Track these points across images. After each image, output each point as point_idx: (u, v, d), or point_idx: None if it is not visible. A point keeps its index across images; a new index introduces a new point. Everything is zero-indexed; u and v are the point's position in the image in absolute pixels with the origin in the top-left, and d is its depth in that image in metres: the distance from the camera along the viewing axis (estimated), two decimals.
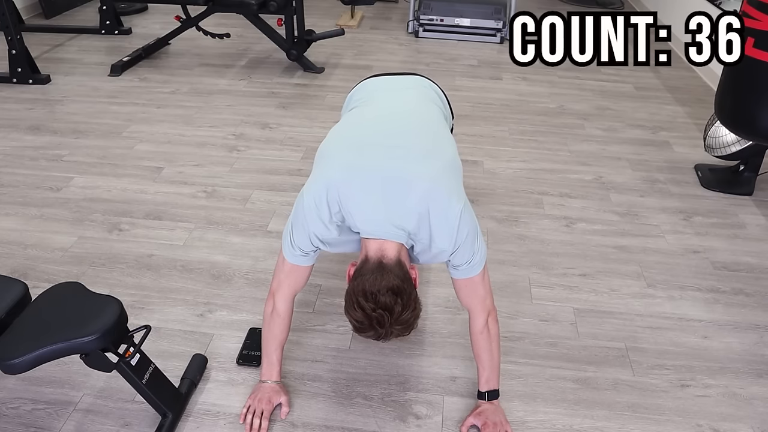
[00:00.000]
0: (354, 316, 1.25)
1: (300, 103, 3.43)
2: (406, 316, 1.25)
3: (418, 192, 1.31)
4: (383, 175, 1.32)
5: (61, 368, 1.70)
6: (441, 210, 1.32)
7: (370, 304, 1.22)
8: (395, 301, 1.22)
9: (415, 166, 1.34)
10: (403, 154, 1.36)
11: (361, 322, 1.24)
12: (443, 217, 1.32)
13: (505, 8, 4.63)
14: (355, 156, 1.36)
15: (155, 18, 4.91)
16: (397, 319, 1.23)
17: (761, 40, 2.03)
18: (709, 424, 1.60)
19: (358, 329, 1.27)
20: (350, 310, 1.26)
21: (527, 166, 2.84)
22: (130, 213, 2.40)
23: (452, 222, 1.33)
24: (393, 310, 1.22)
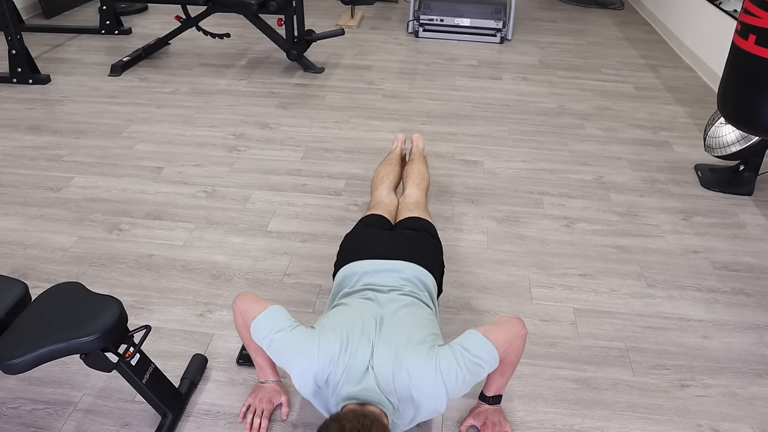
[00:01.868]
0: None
1: (300, 103, 3.43)
2: None
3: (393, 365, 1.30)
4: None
5: (61, 368, 1.70)
6: (419, 377, 1.28)
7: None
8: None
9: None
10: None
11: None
12: (422, 382, 1.28)
13: (505, 8, 4.63)
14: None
15: (155, 18, 4.91)
16: None
17: (763, 37, 2.04)
18: (709, 424, 1.60)
19: None
20: None
21: (527, 166, 2.84)
22: (130, 213, 2.40)
23: (430, 380, 1.28)
24: None
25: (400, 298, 1.50)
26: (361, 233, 1.80)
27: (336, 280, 1.67)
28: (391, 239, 1.74)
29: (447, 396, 1.30)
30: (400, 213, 1.96)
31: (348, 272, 1.63)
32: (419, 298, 1.54)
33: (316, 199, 2.53)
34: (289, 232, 2.31)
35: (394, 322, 1.40)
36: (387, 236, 1.76)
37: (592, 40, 4.74)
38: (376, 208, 1.98)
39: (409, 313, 1.45)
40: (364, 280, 1.59)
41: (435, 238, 1.82)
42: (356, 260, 1.65)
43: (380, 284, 1.56)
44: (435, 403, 1.31)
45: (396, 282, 1.56)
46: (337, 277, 1.67)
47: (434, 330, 1.43)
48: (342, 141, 3.01)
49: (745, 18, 2.10)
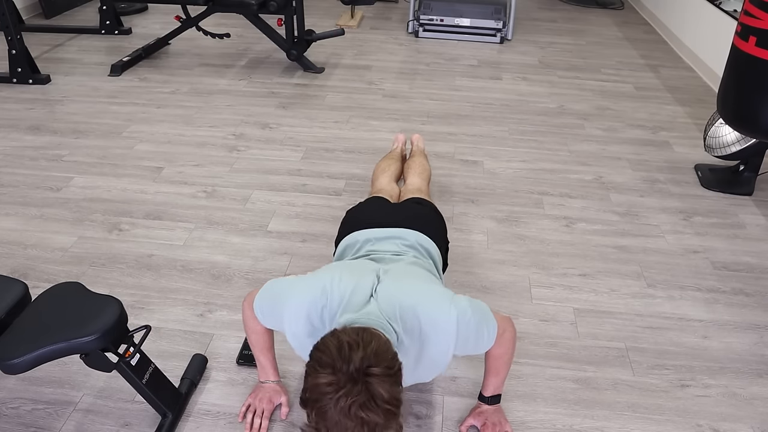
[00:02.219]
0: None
1: (300, 103, 3.43)
2: None
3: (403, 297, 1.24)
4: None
5: (61, 368, 1.70)
6: (431, 316, 1.22)
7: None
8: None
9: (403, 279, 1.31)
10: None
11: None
12: (434, 322, 1.22)
13: (505, 8, 4.63)
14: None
15: (155, 18, 4.91)
16: None
17: (763, 39, 2.04)
18: (709, 424, 1.60)
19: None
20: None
21: (527, 166, 2.84)
22: (130, 213, 2.40)
23: (447, 330, 1.22)
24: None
25: (405, 259, 1.46)
26: (362, 206, 1.77)
27: (337, 251, 1.62)
28: (394, 209, 1.71)
29: (456, 340, 1.22)
30: (402, 197, 1.95)
31: (350, 241, 1.58)
32: (423, 266, 1.48)
33: (316, 199, 2.53)
34: (289, 232, 2.31)
35: (400, 270, 1.35)
36: (390, 207, 1.74)
37: (592, 40, 4.74)
38: (377, 194, 1.96)
39: (418, 269, 1.40)
40: (367, 247, 1.53)
41: (438, 214, 1.77)
42: (358, 230, 1.59)
43: (383, 250, 1.50)
44: (443, 344, 1.22)
45: (399, 248, 1.51)
46: (338, 249, 1.62)
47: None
48: (342, 141, 3.01)
49: (746, 19, 2.10)
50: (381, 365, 0.98)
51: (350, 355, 0.98)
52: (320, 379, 0.97)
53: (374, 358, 0.99)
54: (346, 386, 0.95)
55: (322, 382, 0.96)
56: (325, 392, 0.96)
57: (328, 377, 0.96)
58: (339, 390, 0.95)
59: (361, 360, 0.97)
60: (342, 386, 0.95)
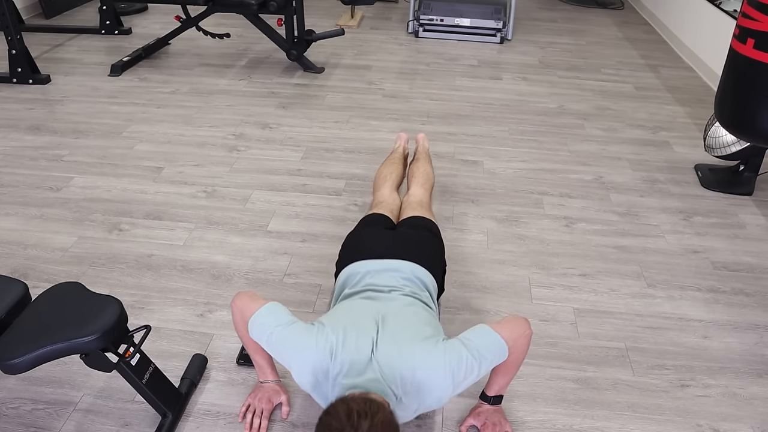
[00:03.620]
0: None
1: (300, 103, 3.43)
2: None
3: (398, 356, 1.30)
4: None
5: (61, 368, 1.70)
6: (425, 368, 1.28)
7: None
8: None
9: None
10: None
11: None
12: (430, 373, 1.28)
13: (505, 8, 4.63)
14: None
15: (155, 18, 4.91)
16: None
17: (761, 41, 2.03)
18: (709, 424, 1.60)
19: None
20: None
21: (527, 166, 2.84)
22: (130, 213, 2.40)
23: (439, 378, 1.27)
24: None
25: (402, 298, 1.50)
26: (362, 233, 1.80)
27: (338, 280, 1.67)
28: (392, 239, 1.74)
29: (453, 388, 1.29)
30: (403, 212, 1.96)
31: (350, 272, 1.64)
32: (420, 298, 1.54)
33: (316, 199, 2.53)
34: (289, 232, 2.31)
35: (397, 319, 1.40)
36: (388, 236, 1.76)
37: (592, 40, 4.74)
38: (378, 207, 1.98)
39: (412, 312, 1.45)
40: (366, 281, 1.59)
41: (437, 238, 1.82)
42: (358, 260, 1.65)
43: (381, 284, 1.56)
44: (440, 396, 1.30)
45: (397, 282, 1.57)
46: (339, 277, 1.67)
47: (438, 328, 1.43)
48: (342, 141, 3.01)
49: (744, 22, 2.08)
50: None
51: (359, 422, 1.07)
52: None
53: (380, 427, 1.08)
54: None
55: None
56: None
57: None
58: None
59: (369, 428, 1.07)
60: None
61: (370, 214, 1.92)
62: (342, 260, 1.71)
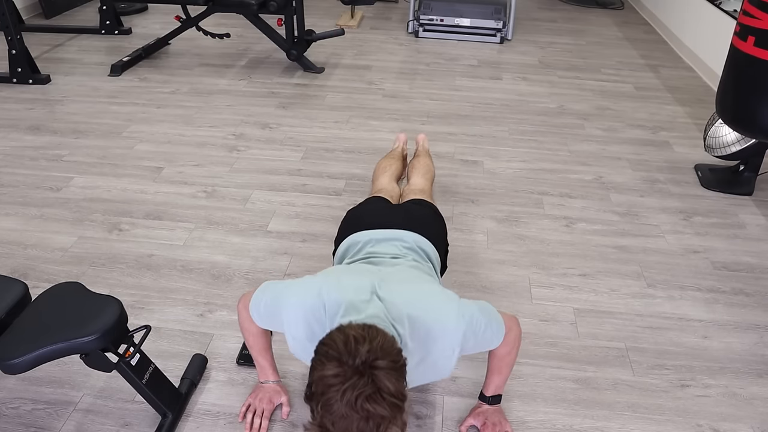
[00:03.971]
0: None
1: (300, 103, 3.43)
2: None
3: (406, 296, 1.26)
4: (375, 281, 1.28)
5: (61, 368, 1.70)
6: (435, 314, 1.23)
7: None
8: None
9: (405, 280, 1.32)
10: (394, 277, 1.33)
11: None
12: (440, 323, 1.23)
13: (505, 8, 4.63)
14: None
15: (155, 18, 4.91)
16: None
17: (762, 39, 2.04)
18: (709, 424, 1.60)
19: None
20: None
21: (527, 166, 2.84)
22: (130, 213, 2.40)
23: (451, 332, 1.22)
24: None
25: (405, 262, 1.46)
26: (363, 207, 1.77)
27: (337, 254, 1.62)
28: (393, 210, 1.72)
29: (462, 342, 1.23)
30: (403, 198, 1.94)
31: (350, 242, 1.59)
32: (422, 269, 1.48)
33: (316, 199, 2.53)
34: (289, 232, 2.31)
35: (401, 275, 1.36)
36: (390, 208, 1.74)
37: (592, 40, 4.74)
38: (378, 194, 1.95)
39: (417, 274, 1.41)
40: (367, 249, 1.54)
41: (439, 216, 1.77)
42: (358, 231, 1.60)
43: (383, 252, 1.51)
44: (446, 348, 1.22)
45: (399, 251, 1.52)
46: (338, 250, 1.62)
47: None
48: (342, 141, 3.01)
49: (744, 19, 2.10)
50: (387, 359, 0.98)
51: (356, 348, 0.97)
52: (326, 371, 0.96)
53: (380, 351, 0.98)
54: (352, 378, 0.95)
55: (329, 374, 0.96)
56: (331, 384, 0.95)
57: (335, 369, 0.96)
58: (345, 382, 0.94)
59: (368, 353, 0.97)
60: (348, 378, 0.95)
61: (370, 197, 1.88)
62: (340, 234, 1.66)
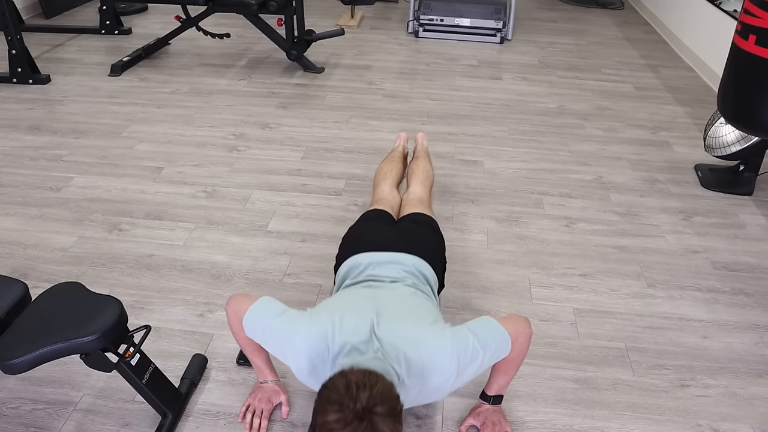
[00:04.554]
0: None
1: (300, 103, 3.43)
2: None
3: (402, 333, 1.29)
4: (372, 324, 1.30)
5: (61, 368, 1.70)
6: (430, 344, 1.27)
7: None
8: None
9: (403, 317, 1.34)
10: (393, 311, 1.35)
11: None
12: (434, 351, 1.27)
13: (505, 8, 4.63)
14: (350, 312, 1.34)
15: (155, 18, 4.91)
16: None
17: (763, 38, 2.05)
18: (709, 424, 1.60)
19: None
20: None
21: (527, 166, 2.84)
22: (130, 213, 2.40)
23: (444, 364, 1.26)
24: None
25: (404, 288, 1.50)
26: (363, 226, 1.80)
27: (339, 273, 1.67)
28: (394, 232, 1.74)
29: (457, 374, 1.27)
30: (403, 209, 1.96)
31: (352, 264, 1.63)
32: (422, 290, 1.54)
33: (316, 199, 2.53)
34: (289, 232, 2.31)
35: (399, 304, 1.39)
36: (390, 229, 1.76)
37: (592, 40, 4.74)
38: (378, 203, 1.98)
39: (415, 300, 1.45)
40: (368, 272, 1.58)
41: (437, 233, 1.82)
42: (360, 252, 1.64)
43: (383, 275, 1.55)
44: (443, 381, 1.27)
45: (398, 274, 1.56)
46: (340, 270, 1.66)
47: (440, 317, 1.43)
48: (342, 141, 3.01)
49: (745, 18, 2.11)
50: (385, 405, 1.06)
51: (357, 394, 1.05)
52: (329, 416, 1.04)
53: (380, 397, 1.06)
54: (353, 423, 1.02)
55: (331, 419, 1.03)
56: (332, 429, 1.03)
57: (336, 415, 1.03)
58: (346, 426, 1.02)
59: (368, 399, 1.04)
60: (349, 423, 1.02)
61: (371, 210, 1.92)
62: (342, 253, 1.71)
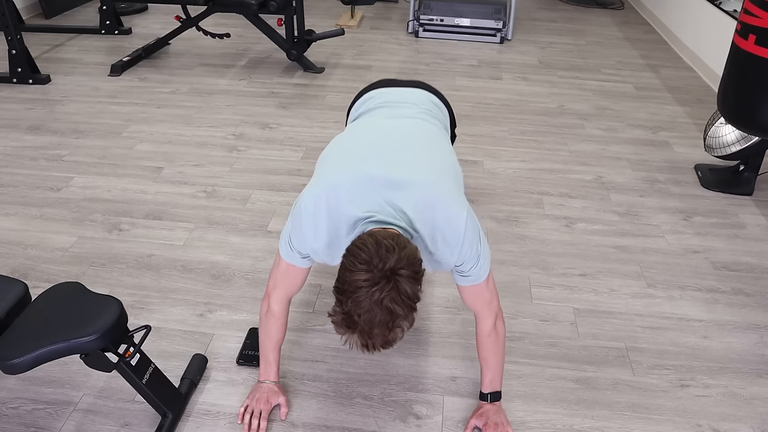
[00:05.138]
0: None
1: (300, 103, 3.43)
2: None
3: (420, 191, 1.29)
4: (385, 179, 1.30)
5: (61, 368, 1.70)
6: (445, 212, 1.30)
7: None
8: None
9: (418, 173, 1.33)
10: (406, 164, 1.35)
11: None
12: (447, 220, 1.30)
13: (505, 8, 4.63)
14: (358, 162, 1.34)
15: (155, 18, 4.91)
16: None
17: (763, 37, 2.05)
18: (709, 424, 1.60)
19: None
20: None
21: (527, 166, 2.84)
22: (130, 213, 2.40)
23: (457, 227, 1.30)
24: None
25: (418, 112, 1.57)
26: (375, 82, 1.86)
27: (355, 106, 1.73)
28: (407, 81, 1.80)
29: (461, 249, 1.31)
30: None
31: (365, 98, 1.70)
32: (437, 118, 1.60)
33: None
34: None
35: (415, 145, 1.43)
36: (402, 81, 1.83)
37: (592, 40, 4.74)
38: None
39: (431, 134, 1.49)
40: (382, 98, 1.65)
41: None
42: (371, 90, 1.71)
43: (398, 100, 1.62)
44: (448, 254, 1.32)
45: (414, 110, 1.61)
46: (352, 112, 1.72)
47: (457, 169, 1.45)
48: None
49: (745, 18, 2.11)
50: (410, 268, 1.13)
51: (387, 255, 1.11)
52: (357, 275, 1.12)
53: (406, 260, 1.13)
54: (380, 283, 1.11)
55: (360, 278, 1.11)
56: (361, 286, 1.11)
57: (365, 275, 1.11)
58: (374, 285, 1.10)
59: (396, 261, 1.11)
60: (376, 282, 1.11)
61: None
62: (354, 99, 1.77)
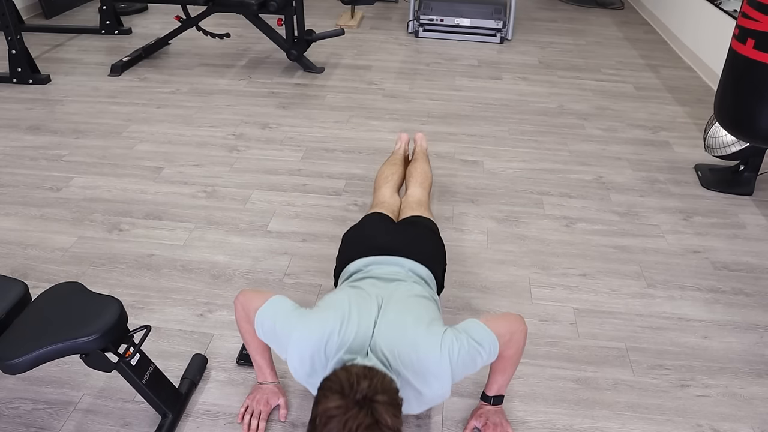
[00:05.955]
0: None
1: (300, 103, 3.43)
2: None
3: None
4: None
5: (61, 368, 1.70)
6: (417, 350, 1.26)
7: None
8: None
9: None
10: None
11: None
12: (425, 357, 1.25)
13: (505, 8, 4.63)
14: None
15: (155, 18, 4.91)
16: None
17: (761, 41, 2.03)
18: (709, 424, 1.60)
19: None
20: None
21: (527, 166, 2.84)
22: (130, 213, 2.40)
23: (436, 359, 1.25)
24: None
25: (405, 285, 1.51)
26: (364, 230, 1.80)
27: (341, 277, 1.68)
28: (391, 236, 1.74)
29: (451, 377, 1.27)
30: (402, 212, 1.97)
31: (353, 268, 1.64)
32: (422, 293, 1.53)
33: (316, 199, 2.53)
34: (289, 232, 2.31)
35: (399, 304, 1.40)
36: (388, 234, 1.77)
37: (592, 40, 4.74)
38: (378, 207, 1.98)
39: (414, 299, 1.45)
40: (370, 271, 1.59)
41: (436, 235, 1.82)
42: (359, 258, 1.64)
43: (385, 275, 1.56)
44: (438, 384, 1.27)
45: (399, 275, 1.57)
46: (342, 275, 1.68)
47: (438, 316, 1.43)
48: (342, 141, 3.01)
49: (743, 22, 2.08)
50: (386, 395, 1.07)
51: (358, 383, 1.06)
52: (329, 403, 1.04)
53: (380, 387, 1.07)
54: (353, 410, 1.03)
55: (331, 405, 1.04)
56: (333, 415, 1.03)
57: (337, 401, 1.04)
58: (346, 413, 1.02)
59: (368, 388, 1.06)
60: (349, 409, 1.03)
61: (371, 214, 1.92)
62: (342, 257, 1.71)
